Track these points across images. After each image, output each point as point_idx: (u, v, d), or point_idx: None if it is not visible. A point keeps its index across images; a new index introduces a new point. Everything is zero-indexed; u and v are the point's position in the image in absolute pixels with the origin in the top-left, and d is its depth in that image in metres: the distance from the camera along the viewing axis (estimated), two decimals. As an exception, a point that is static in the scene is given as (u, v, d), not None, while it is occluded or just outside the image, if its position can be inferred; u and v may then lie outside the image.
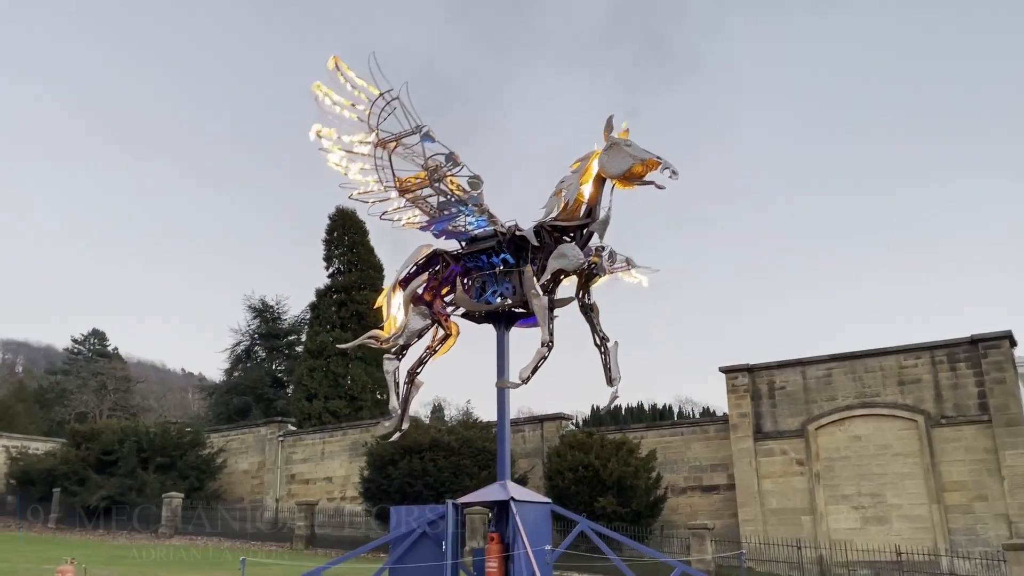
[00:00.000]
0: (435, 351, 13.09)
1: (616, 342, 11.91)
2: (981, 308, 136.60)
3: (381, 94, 10.71)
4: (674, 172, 10.48)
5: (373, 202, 12.26)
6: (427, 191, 11.71)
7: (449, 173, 11.44)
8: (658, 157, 10.62)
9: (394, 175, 11.58)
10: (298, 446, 39.82)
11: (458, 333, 13.17)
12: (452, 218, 12.00)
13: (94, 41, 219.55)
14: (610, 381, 11.76)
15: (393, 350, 12.72)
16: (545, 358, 11.21)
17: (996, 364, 25.57)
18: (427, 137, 10.84)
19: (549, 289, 11.80)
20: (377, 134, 11.06)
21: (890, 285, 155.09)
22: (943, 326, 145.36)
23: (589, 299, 12.29)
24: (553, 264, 11.51)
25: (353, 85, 10.86)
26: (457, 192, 11.65)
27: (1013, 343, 26.02)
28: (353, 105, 11.05)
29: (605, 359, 11.87)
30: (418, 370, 13.00)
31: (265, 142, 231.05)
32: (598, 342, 12.01)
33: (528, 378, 11.08)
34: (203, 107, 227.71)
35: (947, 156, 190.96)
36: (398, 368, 12.70)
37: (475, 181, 11.49)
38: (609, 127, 11.06)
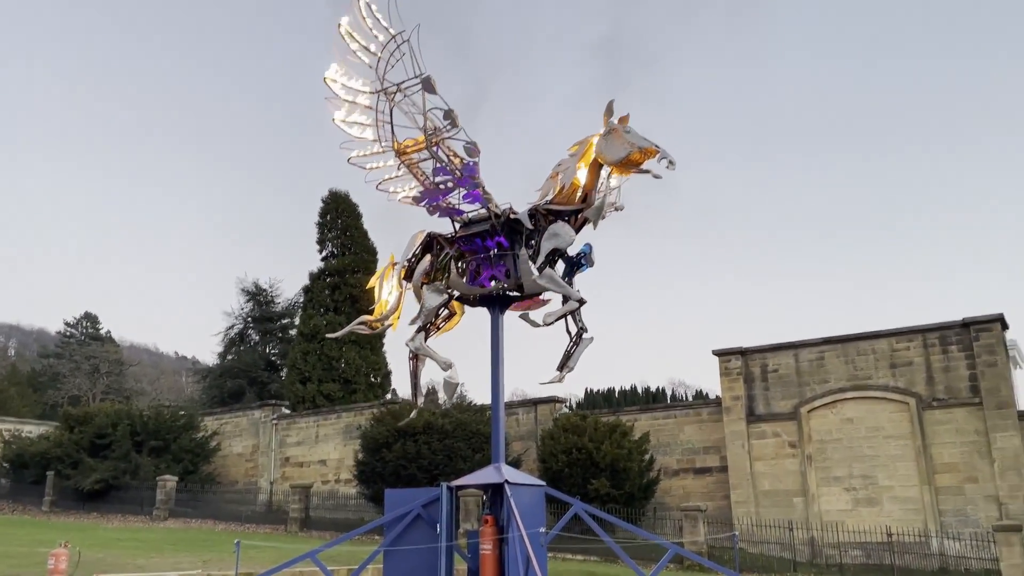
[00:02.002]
0: (438, 328, 13.15)
1: (592, 338, 11.89)
2: (973, 291, 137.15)
3: (393, 36, 10.61)
4: (671, 162, 10.44)
5: (371, 167, 12.17)
6: (424, 155, 11.62)
7: (447, 136, 11.32)
8: (656, 146, 10.56)
9: (393, 134, 11.48)
10: (292, 429, 39.86)
11: (463, 312, 13.18)
12: (446, 193, 11.92)
13: (86, 24, 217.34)
14: (562, 368, 11.80)
15: (415, 330, 12.73)
16: (574, 311, 11.28)
17: (987, 347, 25.71)
18: (428, 87, 10.67)
19: (545, 269, 11.75)
20: (382, 82, 10.99)
21: (883, 268, 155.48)
22: (935, 309, 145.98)
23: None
24: (546, 245, 11.49)
25: (374, 23, 10.77)
26: (454, 159, 11.56)
27: (1004, 326, 26.15)
28: (367, 48, 10.95)
29: (571, 349, 11.87)
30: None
31: (259, 124, 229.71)
32: (573, 332, 11.97)
33: (551, 323, 11.20)
34: (195, 90, 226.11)
35: (938, 136, 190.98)
36: (424, 340, 12.70)
37: (471, 148, 11.36)
38: (609, 111, 10.96)
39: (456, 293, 12.81)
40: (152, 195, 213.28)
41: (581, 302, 11.41)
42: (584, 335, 11.89)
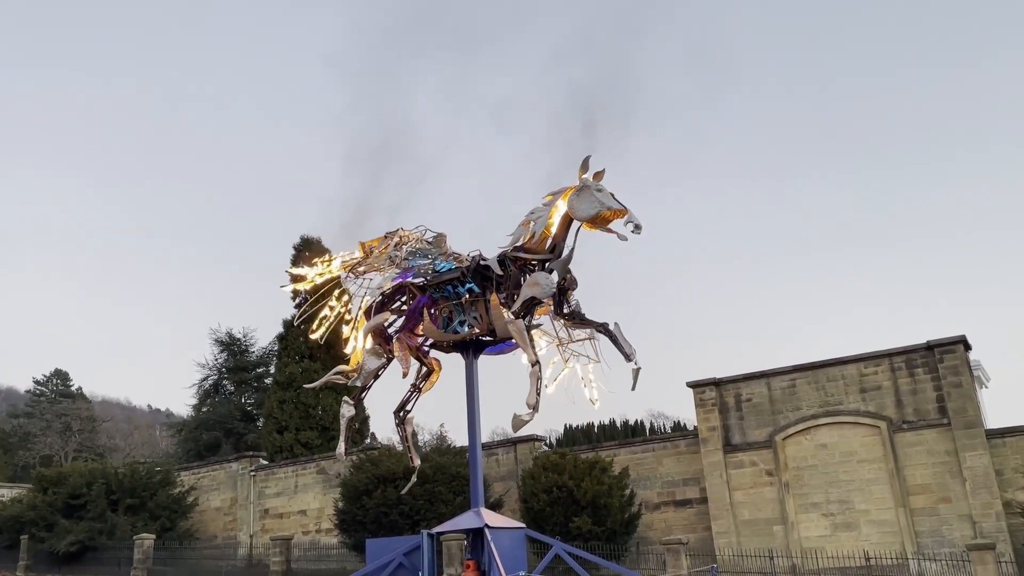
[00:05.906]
0: (419, 389, 13.46)
1: (616, 323, 12.06)
2: (936, 313, 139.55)
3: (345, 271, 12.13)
4: (637, 226, 10.89)
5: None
6: (387, 259, 12.63)
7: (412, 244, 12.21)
8: (625, 208, 10.98)
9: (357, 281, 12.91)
10: (271, 480, 39.49)
11: (440, 369, 13.47)
12: (418, 269, 12.60)
13: (50, 61, 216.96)
14: (627, 358, 12.01)
15: (352, 394, 13.10)
16: (540, 378, 11.51)
17: (952, 368, 26.31)
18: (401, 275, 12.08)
19: (521, 315, 12.00)
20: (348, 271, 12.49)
21: (848, 291, 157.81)
22: (900, 332, 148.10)
23: (569, 307, 12.62)
24: (526, 291, 11.74)
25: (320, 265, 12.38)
26: (419, 245, 12.16)
27: (968, 347, 26.81)
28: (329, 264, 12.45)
29: (614, 339, 12.08)
30: (407, 409, 13.38)
31: (226, 170, 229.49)
32: (600, 328, 12.21)
33: (537, 403, 11.36)
34: (160, 138, 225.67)
35: (901, 161, 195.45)
36: (352, 416, 13.11)
37: (440, 239, 12.00)
38: (584, 167, 11.31)
39: (431, 341, 13.15)
40: (119, 245, 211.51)
41: (539, 367, 11.70)
42: (608, 326, 11.95)
